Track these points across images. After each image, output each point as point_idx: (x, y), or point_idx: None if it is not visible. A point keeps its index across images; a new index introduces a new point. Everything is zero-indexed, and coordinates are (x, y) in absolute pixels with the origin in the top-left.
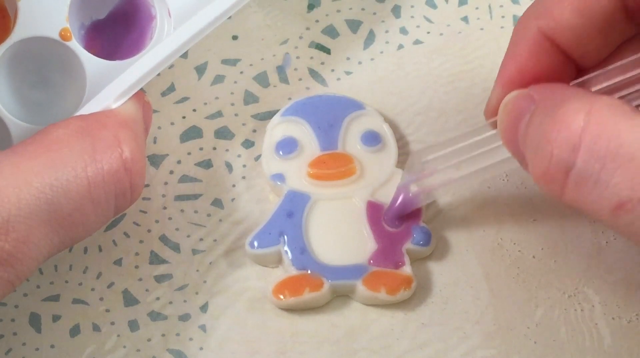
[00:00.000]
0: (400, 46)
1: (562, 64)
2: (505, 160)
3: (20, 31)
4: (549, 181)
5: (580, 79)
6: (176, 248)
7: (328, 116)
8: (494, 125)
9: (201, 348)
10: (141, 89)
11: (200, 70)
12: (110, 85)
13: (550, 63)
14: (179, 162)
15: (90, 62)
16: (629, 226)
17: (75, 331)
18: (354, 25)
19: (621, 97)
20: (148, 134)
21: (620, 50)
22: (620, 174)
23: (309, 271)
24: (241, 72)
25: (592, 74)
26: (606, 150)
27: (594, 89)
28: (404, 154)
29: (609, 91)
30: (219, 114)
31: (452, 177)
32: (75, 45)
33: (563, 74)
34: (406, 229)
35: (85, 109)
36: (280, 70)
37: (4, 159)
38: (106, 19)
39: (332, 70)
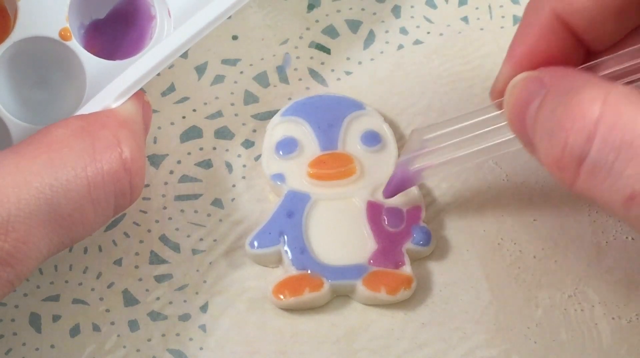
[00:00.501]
0: (400, 46)
1: (573, 46)
2: (508, 141)
3: (20, 31)
4: (561, 169)
5: (591, 63)
6: (176, 248)
7: (328, 116)
8: (500, 105)
9: (201, 348)
10: (141, 89)
11: (200, 70)
12: (110, 85)
13: (561, 45)
14: (179, 162)
15: (90, 62)
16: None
17: (75, 331)
18: (354, 25)
19: (630, 82)
20: (148, 134)
21: (632, 34)
22: (634, 165)
23: (309, 271)
24: (241, 72)
25: (602, 59)
26: (621, 140)
27: (603, 73)
28: None
29: (617, 76)
30: (219, 114)
31: (452, 156)
32: (75, 45)
33: (573, 57)
34: (406, 229)
35: (85, 109)
36: (280, 70)
37: (3, 159)
38: (106, 18)
39: (332, 70)
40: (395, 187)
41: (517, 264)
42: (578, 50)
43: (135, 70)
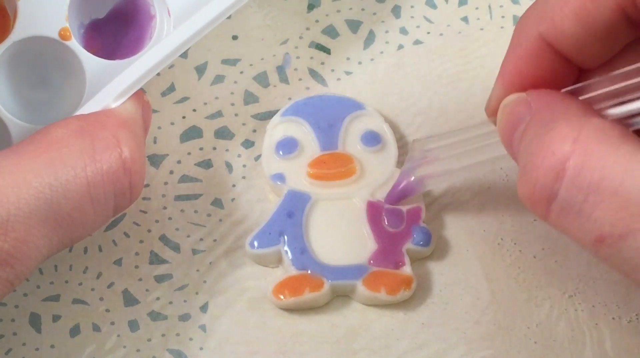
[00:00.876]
0: (400, 46)
1: (563, 66)
2: (504, 155)
3: (19, 31)
4: (534, 205)
5: (577, 85)
6: (176, 248)
7: (328, 116)
8: (495, 122)
9: (201, 348)
10: (141, 89)
11: (200, 70)
12: (110, 84)
13: (550, 66)
14: (179, 162)
15: (90, 61)
16: (609, 259)
17: (75, 331)
18: (354, 25)
19: (620, 104)
20: (148, 134)
21: (623, 53)
22: (602, 208)
23: (309, 271)
24: (241, 72)
25: (595, 80)
26: (589, 182)
27: (593, 94)
28: (404, 155)
29: (607, 96)
30: (219, 114)
31: (453, 167)
32: (75, 44)
33: (563, 76)
34: (406, 229)
35: (85, 109)
36: (280, 70)
37: (3, 159)
38: (106, 18)
39: (332, 70)
40: (398, 195)
41: (517, 264)
42: (568, 69)
43: (134, 70)
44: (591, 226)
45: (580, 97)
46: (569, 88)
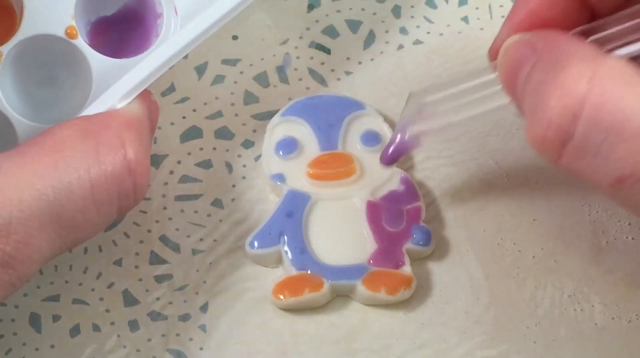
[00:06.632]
0: (400, 46)
1: (576, 10)
2: (506, 105)
3: (26, 29)
4: (546, 148)
5: (587, 26)
6: (176, 248)
7: (328, 116)
8: (497, 67)
9: (201, 348)
10: (147, 89)
11: (200, 70)
12: (115, 85)
13: (564, 9)
14: (179, 162)
15: (97, 60)
16: (628, 200)
17: (75, 331)
18: (354, 25)
19: (626, 44)
20: (154, 134)
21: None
22: (624, 148)
23: (309, 271)
24: (241, 72)
25: (599, 21)
26: (610, 122)
27: (599, 35)
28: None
29: (613, 38)
30: (219, 114)
31: (452, 120)
32: (82, 43)
33: (576, 21)
34: (406, 229)
35: (90, 109)
36: (280, 70)
37: (6, 160)
38: (112, 16)
39: (332, 70)
40: (393, 153)
41: (517, 264)
42: (582, 14)
43: (140, 70)
44: (611, 167)
45: (588, 40)
46: (576, 29)
